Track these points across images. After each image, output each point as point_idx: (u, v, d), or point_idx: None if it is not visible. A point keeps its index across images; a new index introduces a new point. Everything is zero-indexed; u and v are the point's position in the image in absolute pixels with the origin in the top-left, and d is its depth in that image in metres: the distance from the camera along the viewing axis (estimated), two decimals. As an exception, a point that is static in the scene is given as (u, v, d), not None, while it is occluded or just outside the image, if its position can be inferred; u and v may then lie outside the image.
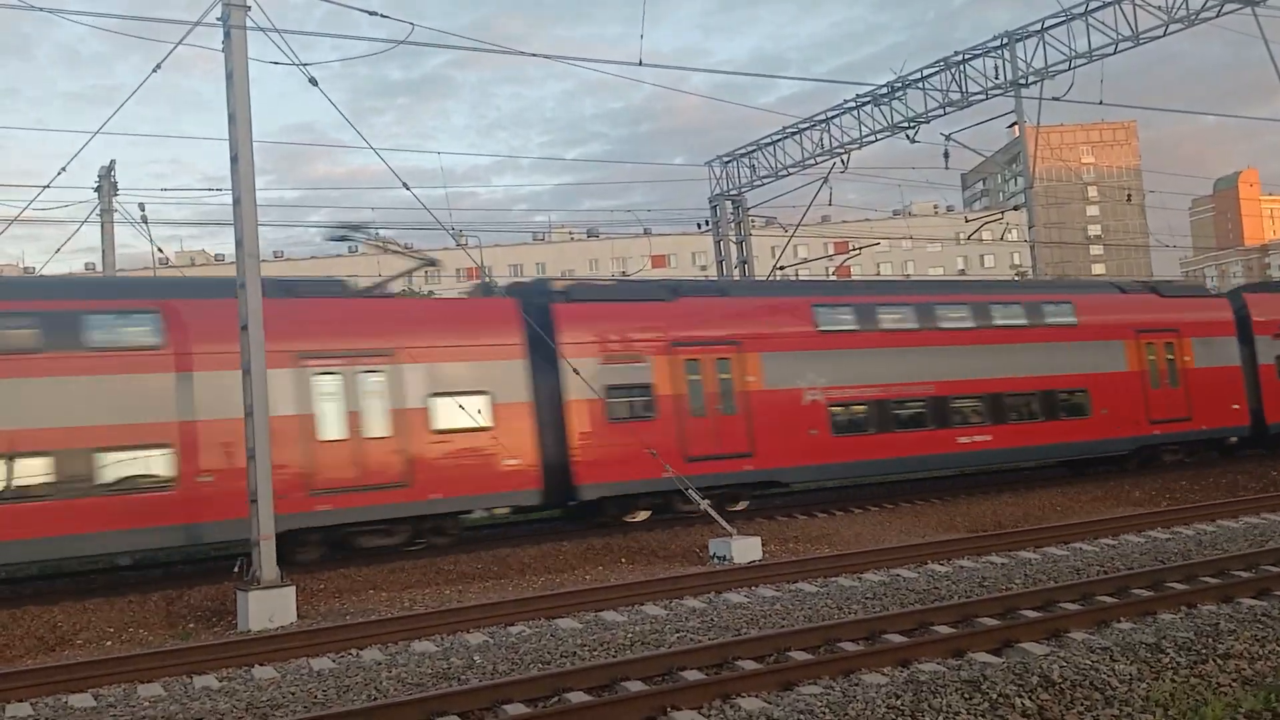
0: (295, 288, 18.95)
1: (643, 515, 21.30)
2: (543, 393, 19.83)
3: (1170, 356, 27.02)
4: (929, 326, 24.10)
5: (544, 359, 19.80)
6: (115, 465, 16.41)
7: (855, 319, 23.31)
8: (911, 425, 23.30)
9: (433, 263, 21.72)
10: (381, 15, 16.36)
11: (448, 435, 18.72)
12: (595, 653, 10.96)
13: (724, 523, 17.79)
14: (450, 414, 18.74)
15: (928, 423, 23.42)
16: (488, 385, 19.15)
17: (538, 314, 19.85)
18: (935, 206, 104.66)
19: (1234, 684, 8.90)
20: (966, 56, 27.36)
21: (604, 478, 20.01)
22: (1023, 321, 25.32)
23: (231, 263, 15.47)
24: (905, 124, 28.75)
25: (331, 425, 17.92)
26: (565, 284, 22.10)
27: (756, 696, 8.91)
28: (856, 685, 9.03)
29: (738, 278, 34.98)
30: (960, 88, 27.42)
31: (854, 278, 61.59)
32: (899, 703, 8.39)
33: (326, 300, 18.98)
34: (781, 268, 35.88)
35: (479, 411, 18.91)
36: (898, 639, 10.59)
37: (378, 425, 18.18)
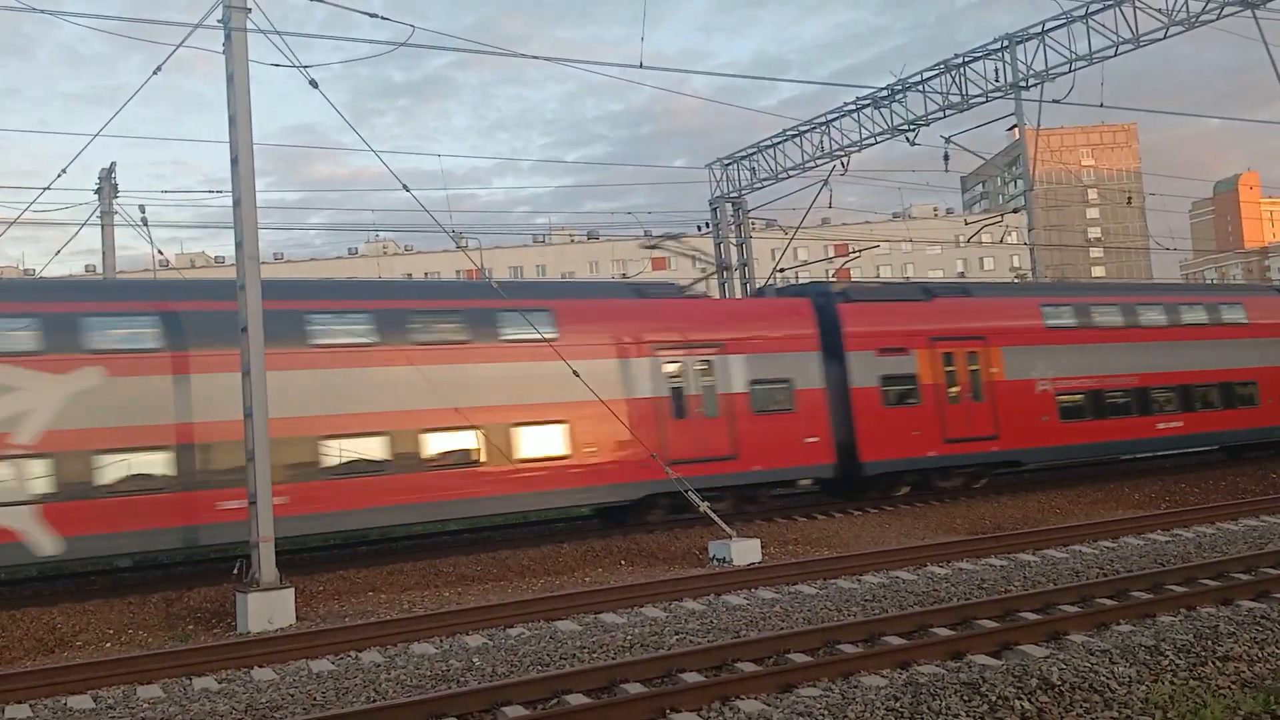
0: (644, 289, 21.95)
1: (904, 490, 24.04)
2: (831, 380, 22.76)
3: None
4: (1132, 324, 27.10)
5: (829, 351, 22.85)
6: (526, 439, 19.13)
7: (1075, 316, 26.27)
8: (1120, 412, 26.28)
9: (727, 267, 23.11)
10: (382, 18, 16.38)
11: (763, 416, 21.58)
12: (595, 655, 10.97)
13: (723, 525, 17.82)
14: (764, 398, 21.79)
15: (1133, 410, 26.44)
16: (791, 373, 22.16)
17: (821, 311, 23.02)
18: (935, 209, 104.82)
19: (1233, 686, 8.91)
20: (966, 59, 27.30)
21: (882, 455, 23.01)
22: (1205, 320, 28.48)
23: (233, 265, 15.49)
24: (905, 126, 28.67)
25: (678, 406, 20.78)
26: (842, 285, 24.93)
27: (756, 698, 8.92)
28: (856, 687, 9.04)
29: (737, 281, 34.99)
30: (960, 90, 27.35)
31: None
32: (898, 705, 8.39)
33: (668, 300, 21.89)
34: (781, 270, 35.86)
35: (785, 396, 21.97)
36: (897, 641, 10.61)
37: (712, 406, 20.93)
